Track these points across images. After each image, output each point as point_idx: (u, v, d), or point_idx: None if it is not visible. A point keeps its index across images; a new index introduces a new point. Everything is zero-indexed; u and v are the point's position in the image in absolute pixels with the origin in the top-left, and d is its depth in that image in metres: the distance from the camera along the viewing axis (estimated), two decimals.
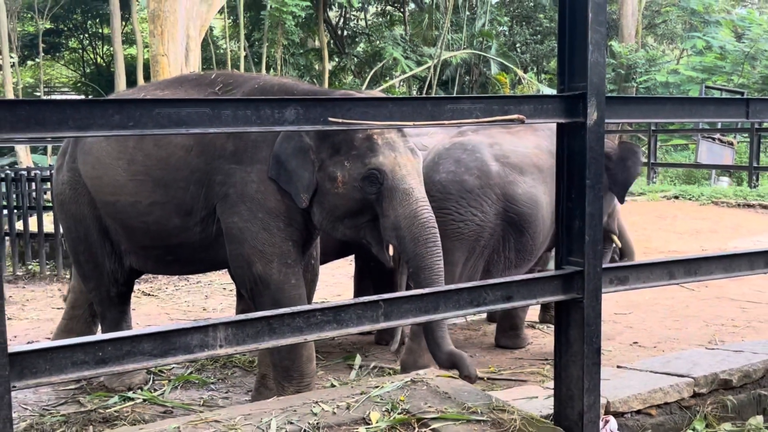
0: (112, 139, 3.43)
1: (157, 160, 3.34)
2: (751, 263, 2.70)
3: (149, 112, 1.74)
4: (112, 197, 3.47)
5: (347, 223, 3.20)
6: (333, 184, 3.13)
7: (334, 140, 3.13)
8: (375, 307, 2.08)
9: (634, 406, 2.70)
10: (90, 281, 3.78)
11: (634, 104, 2.46)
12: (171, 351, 1.82)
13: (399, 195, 3.08)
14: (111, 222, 3.59)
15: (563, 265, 2.37)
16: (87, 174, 3.57)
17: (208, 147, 3.26)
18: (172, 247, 3.48)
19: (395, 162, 3.10)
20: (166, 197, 3.34)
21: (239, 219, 3.21)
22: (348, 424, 2.30)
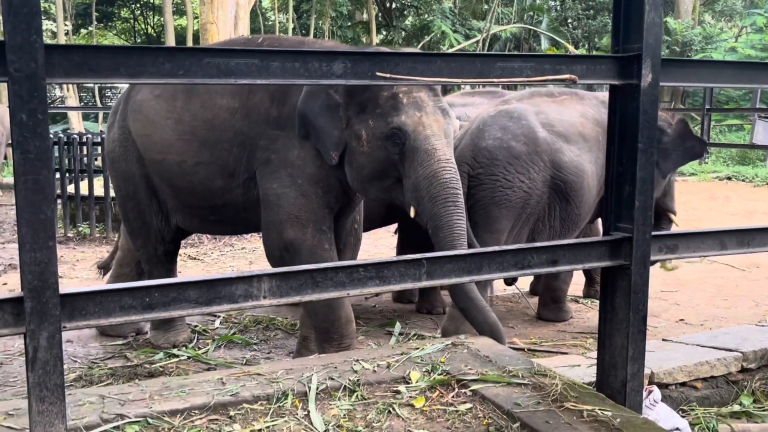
0: (162, 98, 3.47)
1: (203, 121, 3.37)
2: None
3: (199, 61, 1.74)
4: (160, 156, 3.52)
5: (376, 184, 3.15)
6: (359, 143, 3.07)
7: (360, 98, 3.07)
8: (418, 266, 2.07)
9: (679, 378, 2.66)
10: (138, 238, 3.86)
11: (690, 67, 2.39)
12: (216, 300, 1.84)
13: (420, 155, 2.98)
14: (158, 180, 3.64)
15: (611, 231, 2.32)
16: (137, 132, 3.62)
17: (252, 111, 3.28)
18: (216, 207, 3.51)
19: (419, 121, 3.00)
20: (211, 158, 3.36)
21: (279, 185, 3.22)
22: (388, 382, 2.31)
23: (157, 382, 2.31)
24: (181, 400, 2.12)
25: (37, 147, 1.57)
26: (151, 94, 3.57)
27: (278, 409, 2.12)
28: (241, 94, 3.31)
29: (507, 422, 2.03)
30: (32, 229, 1.60)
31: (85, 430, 1.93)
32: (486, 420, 2.06)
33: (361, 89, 3.04)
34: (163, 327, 3.88)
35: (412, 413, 2.13)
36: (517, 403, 2.10)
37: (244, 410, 2.11)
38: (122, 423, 1.99)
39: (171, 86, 3.47)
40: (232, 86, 3.28)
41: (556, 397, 2.13)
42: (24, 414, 1.88)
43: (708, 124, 13.16)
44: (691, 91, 18.18)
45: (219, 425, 2.02)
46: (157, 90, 3.55)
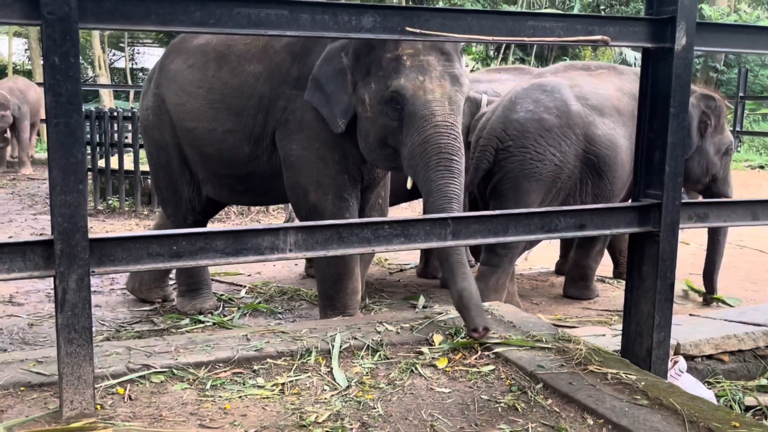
0: (195, 68, 3.48)
1: (233, 88, 3.35)
2: None
3: (230, 11, 1.75)
4: (192, 124, 3.51)
5: (382, 153, 2.97)
6: (363, 108, 2.93)
7: (366, 61, 2.92)
8: (444, 225, 2.06)
9: (706, 351, 2.63)
10: (168, 206, 3.89)
11: (726, 31, 2.34)
12: (242, 251, 1.85)
13: (417, 121, 2.73)
14: (189, 150, 3.65)
15: (640, 198, 2.30)
16: (171, 101, 3.62)
17: (274, 73, 3.24)
18: (244, 176, 3.49)
19: (420, 86, 2.76)
20: (239, 125, 3.35)
21: (297, 146, 3.17)
22: (411, 343, 2.32)
23: (183, 337, 2.34)
24: (206, 354, 2.14)
25: (68, 90, 1.59)
26: (185, 63, 3.56)
27: (301, 365, 2.14)
28: (265, 57, 3.28)
29: (530, 383, 2.02)
30: (63, 171, 1.62)
31: (111, 378, 1.96)
32: (509, 381, 2.06)
33: (366, 51, 2.90)
34: (190, 294, 3.92)
35: (435, 373, 2.13)
36: (540, 365, 2.09)
37: (268, 365, 2.12)
38: (148, 372, 2.02)
39: (204, 55, 3.46)
40: (258, 51, 3.27)
41: (580, 360, 2.12)
42: (53, 362, 1.91)
43: (742, 112, 12.92)
44: (725, 80, 17.87)
45: (243, 378, 2.04)
46: (191, 59, 3.54)
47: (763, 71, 17.84)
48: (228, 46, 3.41)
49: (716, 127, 3.99)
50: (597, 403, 1.84)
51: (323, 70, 3.04)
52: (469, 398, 1.97)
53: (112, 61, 23.89)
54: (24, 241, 1.67)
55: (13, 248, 1.65)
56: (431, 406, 1.93)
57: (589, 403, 1.84)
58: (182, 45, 3.68)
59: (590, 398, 1.87)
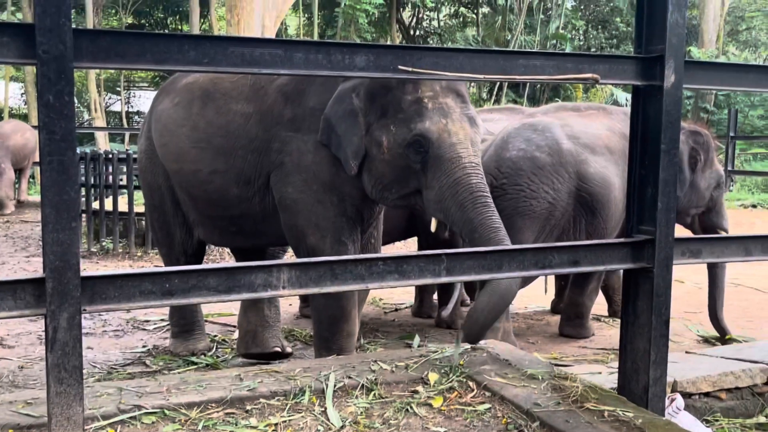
0: (180, 106, 3.45)
1: (218, 127, 3.29)
2: None
3: (224, 50, 1.77)
4: (176, 165, 3.46)
5: (395, 192, 3.00)
6: (379, 150, 2.93)
7: (382, 102, 2.93)
8: (438, 261, 2.06)
9: (703, 388, 2.61)
10: (162, 247, 3.88)
11: (714, 70, 2.38)
12: (235, 288, 1.84)
13: (444, 164, 2.80)
14: (179, 191, 3.59)
15: (634, 234, 2.30)
16: (157, 142, 3.59)
17: (267, 114, 3.20)
18: (235, 217, 3.42)
19: (444, 128, 2.82)
20: (226, 166, 3.27)
21: (293, 189, 3.12)
22: (406, 382, 2.29)
23: (175, 377, 2.31)
24: (198, 394, 2.12)
25: (62, 128, 1.60)
26: (171, 102, 3.53)
27: (295, 405, 2.11)
28: (256, 98, 3.24)
29: (526, 421, 2.00)
30: (56, 209, 1.62)
31: (102, 419, 1.93)
32: (505, 419, 2.03)
33: (382, 93, 2.93)
34: (183, 335, 3.88)
35: (430, 412, 2.11)
36: (536, 403, 2.07)
37: (261, 405, 2.10)
38: (139, 413, 1.98)
39: (189, 93, 3.44)
40: (247, 90, 3.26)
41: (577, 398, 2.10)
42: (42, 403, 1.88)
43: (733, 151, 13.03)
44: (716, 120, 18.06)
45: (235, 418, 2.02)
46: (176, 98, 3.51)
47: (752, 112, 18.06)
48: (213, 84, 3.37)
49: (706, 162, 4.04)
50: None
51: (334, 110, 3.01)
52: None
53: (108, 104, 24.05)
54: (15, 280, 1.66)
55: (3, 286, 1.64)
56: None
57: None
58: (171, 85, 3.67)
59: None
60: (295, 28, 22.27)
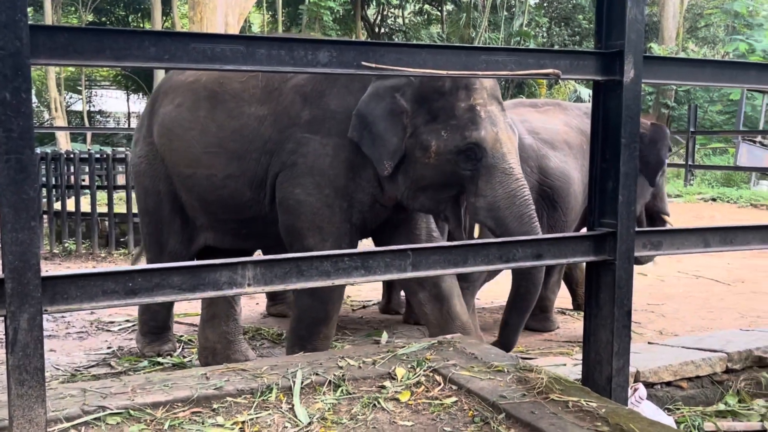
0: (184, 107, 3.35)
1: (231, 131, 3.21)
2: None
3: (185, 46, 1.75)
4: (188, 170, 3.35)
5: (429, 195, 2.99)
6: (424, 154, 2.91)
7: (432, 106, 2.91)
8: (403, 256, 2.07)
9: (665, 377, 2.66)
10: (149, 252, 3.77)
11: (672, 65, 2.42)
12: (200, 286, 1.83)
13: (498, 175, 2.86)
14: (187, 196, 3.47)
15: (596, 227, 2.34)
16: (162, 146, 3.46)
17: (282, 115, 3.13)
18: (247, 221, 3.36)
19: (496, 138, 2.87)
20: (240, 170, 3.21)
21: (301, 191, 3.06)
22: (373, 378, 2.30)
23: (140, 377, 2.28)
24: (164, 393, 2.10)
25: (20, 126, 1.57)
26: (173, 104, 3.42)
27: (262, 403, 2.10)
28: (270, 100, 3.17)
29: (492, 413, 2.02)
30: (14, 209, 1.59)
31: (65, 421, 1.90)
32: (471, 412, 2.05)
33: (434, 97, 2.91)
34: (150, 336, 3.84)
35: (398, 407, 2.12)
36: (502, 395, 2.09)
37: (228, 403, 2.08)
38: (103, 414, 1.96)
39: (192, 94, 3.33)
40: (259, 92, 3.19)
41: (542, 389, 2.12)
42: (3, 406, 1.85)
43: (693, 146, 13.30)
44: (676, 115, 18.39)
45: (202, 417, 2.00)
46: (178, 98, 3.40)
47: (712, 107, 18.43)
48: (220, 84, 3.28)
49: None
50: (559, 431, 1.85)
51: (370, 107, 2.95)
52: (432, 431, 1.96)
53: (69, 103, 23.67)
54: None
55: None
56: None
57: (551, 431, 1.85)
58: (168, 85, 3.54)
59: (552, 426, 1.87)
60: (259, 26, 22.14)
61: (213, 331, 3.64)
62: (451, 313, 3.21)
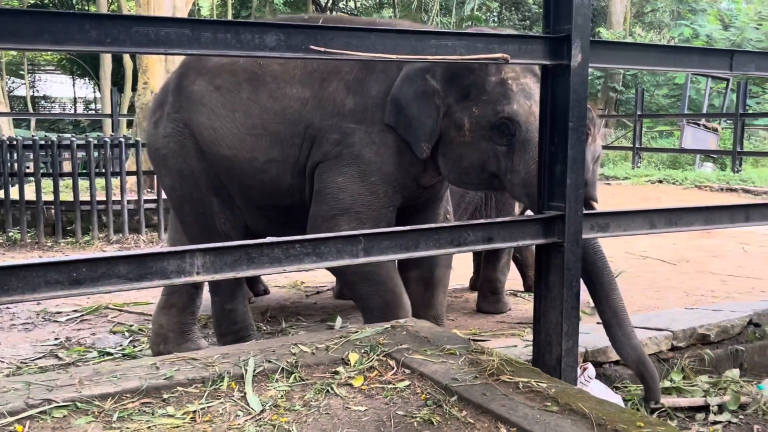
0: (224, 90, 3.23)
1: (274, 113, 3.11)
2: (732, 216, 2.72)
3: (127, 30, 1.70)
4: (229, 151, 3.22)
5: (474, 175, 2.91)
6: (459, 132, 2.83)
7: (462, 83, 2.83)
8: (355, 242, 2.06)
9: (612, 357, 2.72)
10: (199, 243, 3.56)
11: (618, 49, 2.46)
12: (147, 275, 1.80)
13: (533, 149, 2.70)
14: (225, 177, 3.33)
15: (544, 210, 2.37)
16: (202, 124, 3.28)
17: (326, 102, 3.06)
18: (285, 207, 3.27)
19: (530, 111, 2.76)
20: (283, 154, 3.12)
21: (344, 179, 2.99)
22: (326, 363, 2.29)
23: (88, 368, 2.24)
24: (113, 385, 2.06)
25: None
26: (211, 84, 3.28)
27: (214, 392, 2.08)
28: (312, 82, 3.09)
29: (445, 396, 2.03)
30: None
31: (9, 415, 1.85)
32: (424, 395, 2.06)
33: (464, 74, 2.82)
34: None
35: (351, 392, 2.12)
36: (454, 378, 2.11)
37: (179, 393, 2.05)
38: (49, 407, 1.91)
39: (233, 76, 3.22)
40: (301, 73, 3.11)
41: (493, 371, 2.14)
42: None
43: (640, 129, 13.60)
44: (624, 99, 18.72)
45: (152, 408, 1.97)
46: (217, 80, 3.27)
47: (658, 91, 18.81)
48: (260, 65, 3.18)
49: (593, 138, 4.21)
50: (510, 412, 1.87)
51: (404, 91, 2.90)
52: (385, 415, 1.96)
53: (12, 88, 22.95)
54: None
55: None
56: (347, 425, 1.91)
57: (502, 413, 1.87)
58: (200, 64, 3.36)
59: (503, 407, 1.90)
60: (209, 9, 21.77)
61: (168, 320, 3.58)
62: (431, 301, 3.20)
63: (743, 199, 9.94)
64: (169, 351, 3.51)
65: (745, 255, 6.25)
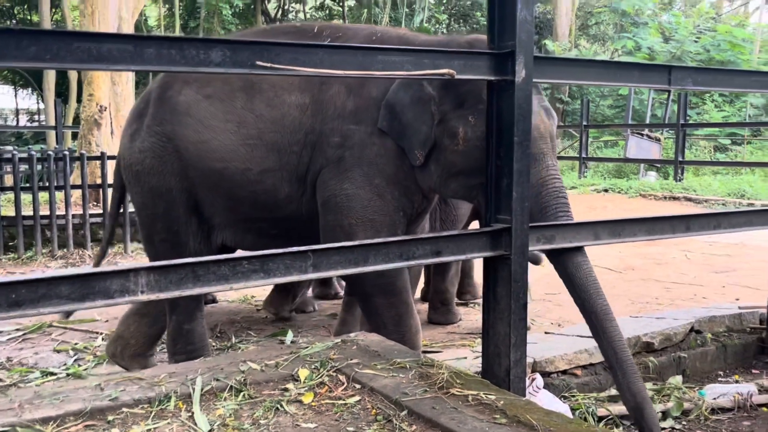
0: (216, 99, 3.12)
1: (271, 122, 3.03)
2: (673, 227, 2.79)
3: (68, 46, 1.67)
4: (219, 164, 3.11)
5: (461, 182, 2.87)
6: (453, 141, 2.81)
7: (459, 91, 2.80)
8: (304, 258, 2.06)
9: (560, 366, 2.76)
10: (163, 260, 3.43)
11: (561, 65, 2.51)
12: (90, 295, 1.76)
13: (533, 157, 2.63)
14: (208, 193, 3.23)
15: (491, 223, 2.40)
16: (188, 138, 3.16)
17: (325, 105, 3.00)
18: (279, 219, 3.17)
19: None
20: (279, 163, 3.04)
21: (350, 185, 2.93)
22: (276, 381, 2.27)
23: (28, 391, 2.17)
24: (55, 408, 2.00)
25: None
26: (199, 93, 3.17)
27: (160, 412, 2.04)
28: (311, 87, 3.02)
29: (395, 411, 2.03)
30: None
31: None
32: (374, 410, 2.06)
33: (460, 81, 2.74)
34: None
35: (301, 409, 2.10)
36: (404, 392, 2.11)
37: (124, 414, 2.01)
38: None
39: (225, 85, 3.12)
40: (299, 80, 3.03)
41: (443, 384, 2.16)
42: None
43: (586, 139, 13.88)
44: (570, 110, 19.10)
45: (96, 430, 1.93)
46: (207, 89, 3.16)
47: (603, 102, 19.24)
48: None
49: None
50: (459, 426, 1.88)
51: (399, 97, 2.87)
52: (335, 431, 1.96)
53: None
54: None
55: None
56: None
57: (451, 426, 1.88)
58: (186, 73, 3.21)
59: (452, 421, 1.91)
60: (156, 20, 21.48)
61: (137, 327, 3.47)
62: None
63: (685, 207, 10.22)
64: (123, 358, 3.46)
65: (687, 262, 6.42)
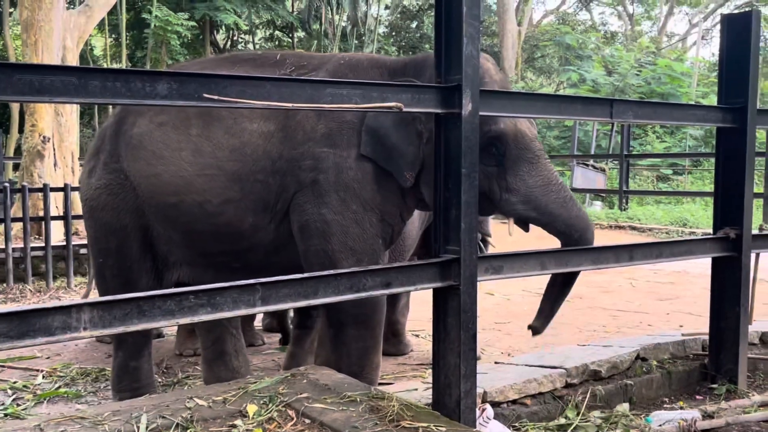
0: (169, 126, 3.00)
1: (230, 150, 2.92)
2: (617, 256, 2.85)
3: (9, 77, 1.64)
4: (174, 198, 2.99)
5: None
6: None
7: None
8: (252, 291, 2.04)
9: (510, 396, 2.77)
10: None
11: (507, 98, 2.56)
12: (30, 333, 1.71)
13: (525, 165, 2.75)
14: (164, 229, 3.13)
15: (441, 254, 2.41)
16: (140, 172, 3.06)
17: (294, 131, 2.90)
18: (242, 251, 3.06)
19: (516, 129, 2.76)
20: (242, 193, 2.92)
21: (328, 211, 2.84)
22: (224, 417, 2.23)
23: None
24: None
25: None
26: (152, 123, 3.05)
27: None
28: (277, 114, 2.93)
29: None
30: None
31: None
32: None
33: None
34: None
35: None
36: (354, 426, 2.09)
37: None
38: None
39: (180, 111, 3.00)
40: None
41: (393, 417, 2.15)
42: None
43: None
44: None
45: None
46: (161, 116, 3.05)
47: (549, 133, 19.64)
48: None
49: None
50: None
51: (380, 120, 2.81)
52: None
53: None
54: None
55: None
56: None
57: None
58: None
59: None
60: (102, 49, 21.21)
61: (226, 370, 3.38)
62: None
63: (630, 236, 10.46)
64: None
65: (633, 290, 6.55)
